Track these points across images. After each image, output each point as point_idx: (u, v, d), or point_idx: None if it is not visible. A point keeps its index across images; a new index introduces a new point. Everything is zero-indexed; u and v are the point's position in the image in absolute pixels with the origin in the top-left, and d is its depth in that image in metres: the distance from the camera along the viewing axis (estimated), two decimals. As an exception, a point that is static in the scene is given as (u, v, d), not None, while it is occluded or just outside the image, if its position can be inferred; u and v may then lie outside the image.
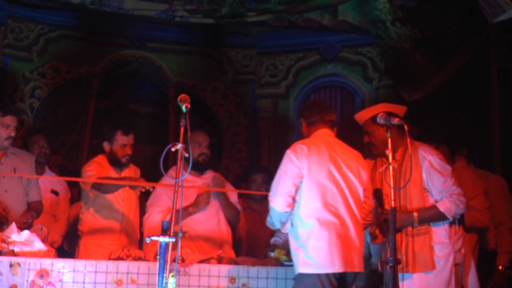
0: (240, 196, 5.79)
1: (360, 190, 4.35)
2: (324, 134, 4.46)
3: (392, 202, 3.88)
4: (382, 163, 4.47)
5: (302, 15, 6.97)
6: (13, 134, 5.20)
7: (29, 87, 7.49)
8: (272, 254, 4.73)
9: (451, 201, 4.39)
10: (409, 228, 4.38)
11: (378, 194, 4.46)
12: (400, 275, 4.23)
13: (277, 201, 4.25)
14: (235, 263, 4.61)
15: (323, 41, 7.88)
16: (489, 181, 5.80)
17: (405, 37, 6.33)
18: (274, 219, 4.33)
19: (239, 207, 5.57)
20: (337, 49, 7.87)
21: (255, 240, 6.03)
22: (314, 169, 4.26)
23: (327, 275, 4.13)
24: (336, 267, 4.15)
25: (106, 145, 5.52)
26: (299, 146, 4.34)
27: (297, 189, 4.26)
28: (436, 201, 4.43)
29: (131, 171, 5.57)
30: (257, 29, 7.99)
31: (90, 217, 5.49)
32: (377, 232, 4.41)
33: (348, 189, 4.29)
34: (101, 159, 5.54)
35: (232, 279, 4.46)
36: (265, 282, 4.49)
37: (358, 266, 4.23)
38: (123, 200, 5.50)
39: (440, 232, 4.44)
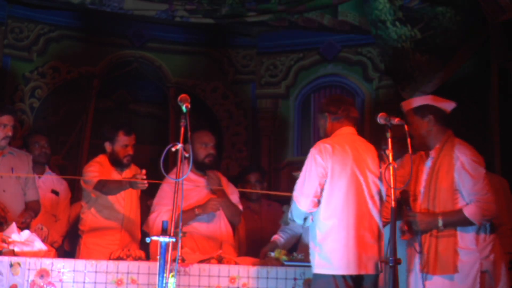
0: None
1: (382, 189, 4.30)
2: (348, 132, 4.41)
3: (393, 202, 3.87)
4: (421, 158, 4.43)
5: (302, 15, 6.98)
6: (10, 133, 5.20)
7: (29, 87, 7.49)
8: (272, 254, 4.73)
9: (478, 207, 4.20)
10: (434, 230, 4.26)
11: (405, 194, 4.40)
12: (422, 275, 4.23)
13: (303, 202, 4.21)
14: (235, 263, 4.61)
15: (323, 41, 7.88)
16: (491, 181, 5.80)
17: (405, 37, 6.34)
18: (296, 217, 4.29)
19: (240, 206, 5.57)
20: (337, 49, 7.88)
21: (254, 240, 6.04)
22: (337, 169, 4.22)
23: (343, 276, 4.12)
24: (351, 269, 4.13)
25: (107, 146, 5.52)
26: (324, 145, 4.28)
27: (322, 189, 4.22)
28: (466, 204, 4.26)
29: (132, 171, 5.57)
30: (257, 29, 7.99)
31: (91, 217, 5.50)
32: (406, 227, 4.34)
33: (370, 189, 4.25)
34: (102, 159, 5.55)
35: (232, 279, 4.46)
36: (265, 282, 4.50)
37: (375, 269, 4.20)
38: (124, 199, 5.51)
39: (467, 237, 4.27)
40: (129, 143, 5.50)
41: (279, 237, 5.26)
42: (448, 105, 4.45)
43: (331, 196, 4.21)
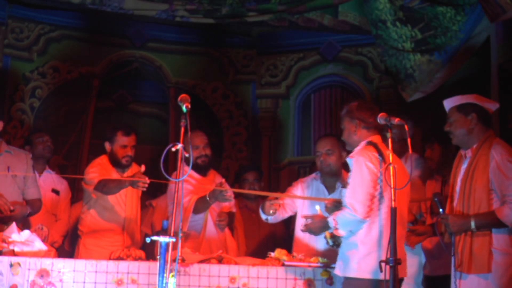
0: (236, 196, 5.80)
1: (408, 196, 4.44)
2: (378, 141, 4.46)
3: (393, 203, 3.86)
4: (460, 158, 4.40)
5: (302, 15, 6.97)
6: None
7: (30, 87, 7.49)
8: (272, 254, 4.74)
9: (511, 208, 4.10)
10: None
11: (438, 197, 4.39)
12: (456, 274, 4.21)
13: (360, 209, 4.25)
14: (236, 263, 4.61)
15: (323, 41, 7.89)
16: None
17: (405, 37, 6.33)
18: (343, 225, 4.31)
19: (234, 209, 5.61)
20: (337, 49, 7.88)
21: (252, 238, 6.06)
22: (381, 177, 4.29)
23: (379, 281, 4.19)
24: (387, 274, 4.13)
25: (107, 146, 5.52)
26: (372, 154, 4.32)
27: (373, 196, 4.28)
28: (501, 205, 4.18)
29: (134, 172, 5.56)
30: (257, 29, 8.00)
31: (90, 218, 5.49)
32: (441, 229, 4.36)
33: (402, 196, 4.31)
34: (103, 160, 5.54)
35: (232, 279, 4.46)
36: (265, 282, 4.49)
37: (405, 273, 4.35)
38: (125, 203, 5.50)
39: (502, 239, 4.19)
40: (128, 144, 5.48)
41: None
42: (492, 105, 4.44)
43: (381, 203, 4.29)
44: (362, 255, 4.25)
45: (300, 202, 5.26)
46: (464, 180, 4.28)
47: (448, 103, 4.45)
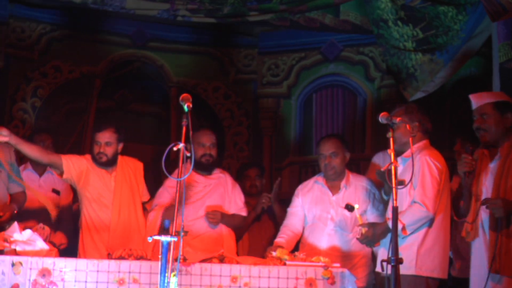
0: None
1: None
2: (429, 144, 4.66)
3: (395, 202, 3.87)
4: (483, 156, 4.38)
5: (303, 14, 6.98)
6: None
7: (31, 86, 7.50)
8: (274, 254, 4.74)
9: None
10: (504, 229, 4.17)
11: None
12: (490, 275, 4.17)
13: (432, 205, 4.45)
14: (237, 262, 4.62)
15: (324, 40, 7.89)
16: None
17: (407, 37, 6.34)
18: (412, 224, 4.45)
19: (244, 212, 5.60)
20: (338, 49, 7.89)
21: (254, 236, 6.07)
22: (445, 178, 4.55)
23: (439, 280, 4.46)
24: (445, 273, 4.51)
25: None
26: (436, 153, 4.57)
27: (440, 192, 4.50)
28: None
29: (129, 167, 5.52)
30: (258, 29, 8.00)
31: (83, 215, 5.46)
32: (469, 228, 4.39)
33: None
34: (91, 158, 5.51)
35: (234, 278, 4.47)
36: (266, 282, 4.50)
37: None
38: (111, 200, 5.43)
39: None
40: (101, 140, 5.38)
41: (280, 239, 5.28)
42: None
43: (441, 203, 4.49)
44: (421, 253, 4.39)
45: (302, 206, 5.30)
46: (497, 180, 4.23)
47: (481, 99, 4.39)
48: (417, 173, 4.43)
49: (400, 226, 4.39)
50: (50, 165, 5.46)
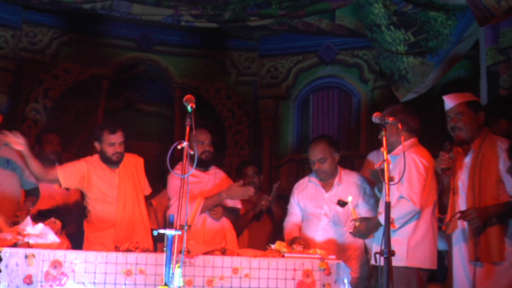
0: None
1: None
2: (417, 142, 4.68)
3: (387, 197, 3.89)
4: (458, 153, 4.41)
5: (301, 19, 6.98)
6: None
7: (43, 88, 7.51)
8: (273, 246, 4.76)
9: None
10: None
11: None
12: (472, 263, 4.25)
13: (418, 200, 4.47)
14: (238, 254, 4.64)
15: (321, 44, 7.89)
16: None
17: (399, 41, 6.35)
18: (400, 218, 4.49)
19: (238, 204, 5.63)
20: (334, 52, 7.89)
21: (253, 231, 6.08)
22: (431, 174, 4.54)
23: (429, 270, 4.48)
24: (435, 264, 4.53)
25: (97, 145, 5.44)
26: (422, 149, 4.56)
27: (426, 188, 4.52)
28: (510, 196, 4.24)
29: (130, 163, 5.52)
30: (258, 33, 8.01)
31: (89, 212, 5.46)
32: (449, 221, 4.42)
33: None
34: (95, 158, 5.49)
35: (235, 270, 4.48)
36: (266, 273, 4.50)
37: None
38: (115, 197, 5.43)
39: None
40: (115, 141, 5.37)
41: (292, 225, 5.35)
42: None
43: (429, 197, 4.51)
44: (412, 246, 4.40)
45: (298, 204, 5.33)
46: (472, 173, 4.29)
47: (454, 99, 4.44)
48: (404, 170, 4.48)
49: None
50: (50, 181, 5.47)
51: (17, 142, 4.97)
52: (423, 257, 4.52)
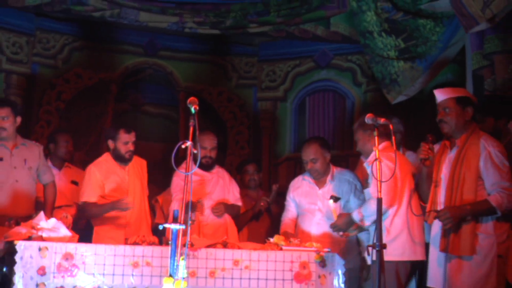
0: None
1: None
2: (388, 145, 4.75)
3: (379, 194, 3.89)
4: (445, 147, 4.36)
5: (298, 26, 7.00)
6: (5, 125, 5.15)
7: (55, 91, 7.53)
8: (271, 240, 4.79)
9: (503, 196, 4.05)
10: None
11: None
12: (443, 255, 4.21)
13: (391, 201, 4.57)
14: (239, 247, 4.66)
15: (317, 49, 7.90)
16: None
17: (390, 46, 6.36)
18: (368, 216, 4.62)
19: (239, 202, 5.67)
20: (329, 57, 7.91)
21: (253, 226, 6.10)
22: (401, 173, 4.65)
23: (410, 262, 4.57)
24: (418, 256, 4.59)
25: (110, 143, 5.48)
26: (389, 154, 4.58)
27: (395, 189, 4.62)
28: (489, 194, 4.13)
29: (137, 163, 5.58)
30: (258, 39, 8.02)
31: None
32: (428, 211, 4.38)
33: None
34: (106, 157, 5.53)
35: (235, 262, 4.49)
36: (265, 265, 4.53)
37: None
38: (127, 192, 5.47)
39: (486, 223, 4.14)
40: (129, 140, 5.44)
41: (288, 220, 5.40)
42: (475, 98, 4.45)
43: (402, 195, 4.61)
44: (388, 241, 4.37)
45: (293, 201, 5.37)
46: (453, 167, 4.21)
47: (443, 94, 4.37)
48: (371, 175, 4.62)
49: (359, 217, 4.70)
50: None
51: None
52: (400, 250, 4.58)
